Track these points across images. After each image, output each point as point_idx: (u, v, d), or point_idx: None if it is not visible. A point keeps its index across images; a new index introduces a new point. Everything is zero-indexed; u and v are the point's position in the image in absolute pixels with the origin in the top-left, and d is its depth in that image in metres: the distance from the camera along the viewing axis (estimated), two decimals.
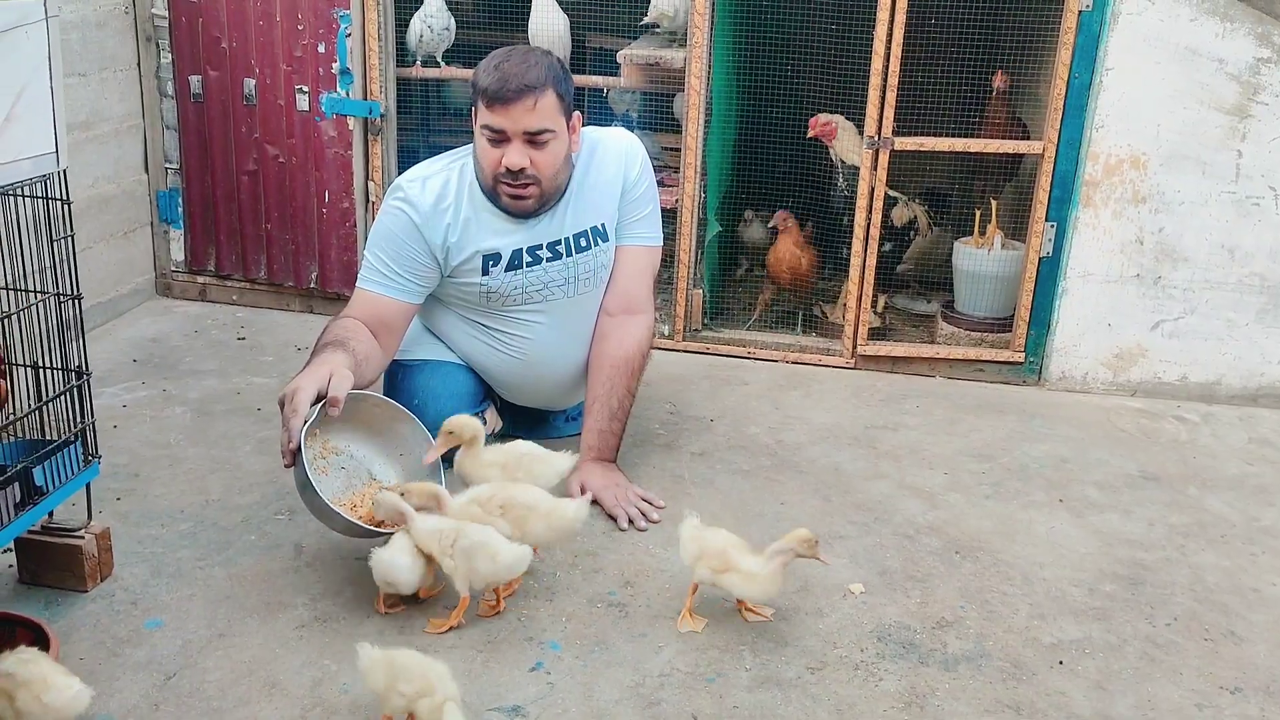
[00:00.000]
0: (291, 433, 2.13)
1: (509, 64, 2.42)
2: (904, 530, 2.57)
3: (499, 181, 2.50)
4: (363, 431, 2.37)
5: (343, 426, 2.32)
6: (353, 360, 2.34)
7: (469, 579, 2.06)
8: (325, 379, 2.21)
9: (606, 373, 2.68)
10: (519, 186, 2.49)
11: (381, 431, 2.38)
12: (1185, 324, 3.40)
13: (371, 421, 2.36)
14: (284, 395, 2.20)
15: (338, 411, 2.19)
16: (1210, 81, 3.21)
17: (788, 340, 3.70)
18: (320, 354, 2.34)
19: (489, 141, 2.47)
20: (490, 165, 2.49)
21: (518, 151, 2.45)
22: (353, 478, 2.33)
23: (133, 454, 2.76)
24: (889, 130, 3.37)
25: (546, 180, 2.51)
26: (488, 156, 2.49)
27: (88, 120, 3.49)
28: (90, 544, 2.17)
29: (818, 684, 2.01)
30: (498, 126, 2.44)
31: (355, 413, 2.31)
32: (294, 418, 2.14)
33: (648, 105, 4.11)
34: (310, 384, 2.19)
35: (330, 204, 3.71)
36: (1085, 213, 3.36)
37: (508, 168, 2.46)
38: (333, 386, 2.20)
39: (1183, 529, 2.65)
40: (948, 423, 3.20)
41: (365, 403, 2.34)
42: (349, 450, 2.36)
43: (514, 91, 2.40)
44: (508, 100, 2.41)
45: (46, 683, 1.66)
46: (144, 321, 3.71)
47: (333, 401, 2.18)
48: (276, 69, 3.62)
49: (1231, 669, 2.12)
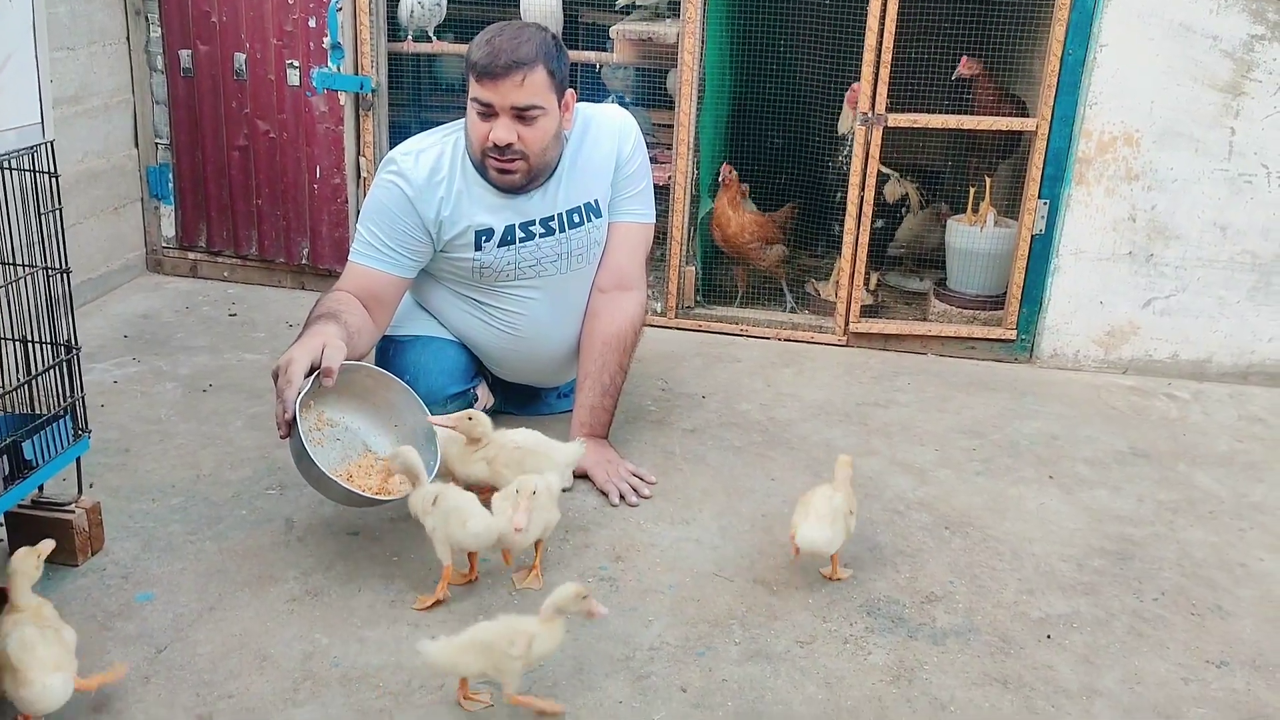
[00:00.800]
0: (286, 403, 2.13)
1: (501, 38, 2.41)
2: (894, 506, 2.58)
3: (486, 155, 2.49)
4: (357, 403, 2.37)
5: (337, 399, 2.32)
6: (345, 332, 2.34)
7: (447, 543, 2.07)
8: (318, 350, 2.21)
9: (598, 349, 2.68)
10: (506, 161, 2.48)
11: (375, 403, 2.37)
12: (1177, 301, 3.40)
13: (365, 393, 2.36)
14: (277, 367, 2.19)
15: (331, 382, 2.19)
16: (1204, 58, 3.20)
17: (780, 318, 3.69)
18: (312, 326, 2.34)
19: (478, 115, 2.46)
20: (479, 139, 2.48)
21: (505, 127, 2.45)
22: (348, 449, 2.33)
23: (123, 429, 2.76)
24: (882, 106, 3.36)
25: (534, 156, 2.50)
26: (476, 130, 2.48)
27: (77, 94, 3.47)
28: (81, 518, 2.17)
29: (807, 657, 2.02)
30: (486, 100, 2.43)
31: (349, 384, 2.31)
32: (288, 389, 2.14)
33: (641, 81, 4.10)
34: (303, 355, 2.19)
35: (321, 180, 3.69)
36: (1078, 190, 3.35)
37: (494, 143, 2.45)
38: (326, 357, 2.19)
39: (1172, 505, 2.67)
40: (939, 400, 3.21)
41: (359, 374, 2.34)
42: (344, 422, 2.36)
43: (502, 67, 2.39)
44: (496, 75, 2.40)
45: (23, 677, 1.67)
46: (135, 298, 3.69)
47: (326, 372, 2.18)
48: (267, 43, 3.59)
49: (1218, 643, 2.14)
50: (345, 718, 1.81)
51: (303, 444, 2.09)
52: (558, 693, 1.89)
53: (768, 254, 3.66)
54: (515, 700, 1.80)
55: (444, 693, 1.88)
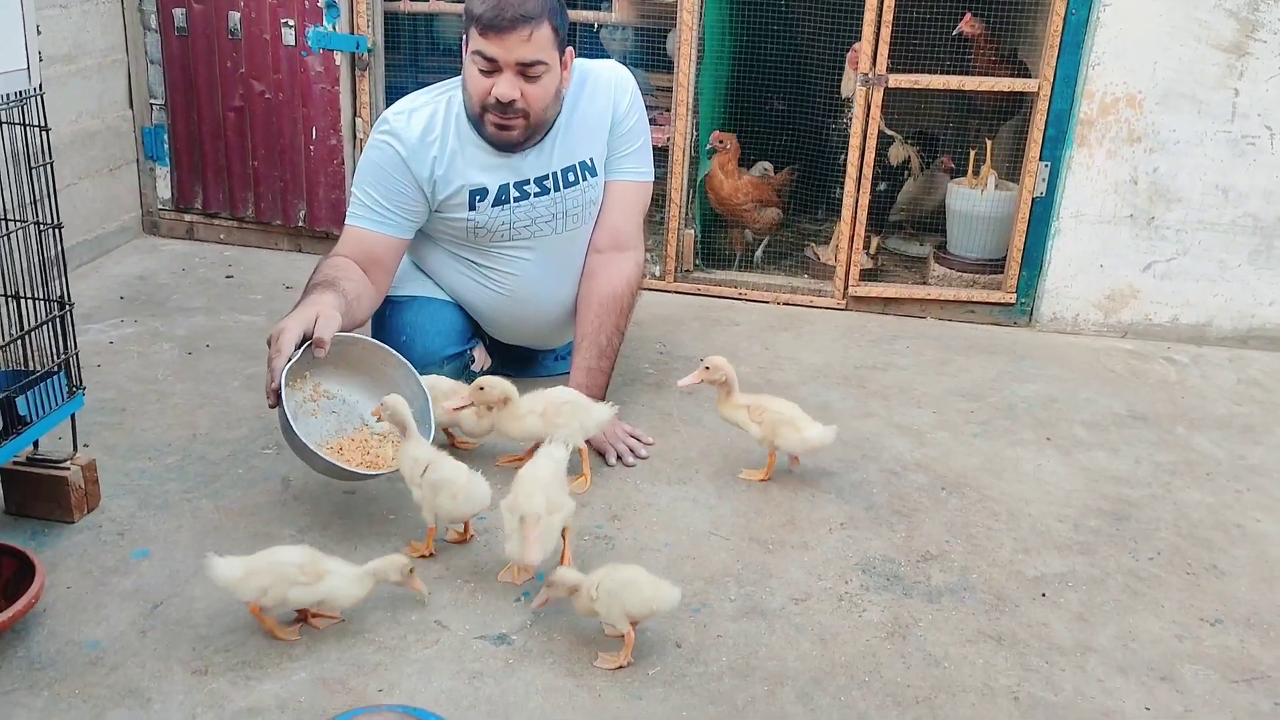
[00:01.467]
0: (274, 373, 2.12)
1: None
2: (891, 467, 2.58)
3: (486, 111, 2.46)
4: (355, 376, 2.35)
5: (335, 370, 2.31)
6: (343, 301, 2.32)
7: (434, 511, 2.08)
8: (311, 320, 2.19)
9: (595, 310, 2.67)
10: (507, 118, 2.46)
11: (373, 376, 2.36)
12: (1177, 265, 3.39)
13: (363, 366, 2.35)
14: (270, 336, 2.18)
15: (323, 353, 2.18)
16: (1208, 18, 3.16)
17: (779, 281, 3.68)
18: (309, 295, 2.32)
19: (480, 70, 2.43)
20: (479, 94, 2.45)
21: (508, 82, 2.41)
22: (344, 422, 2.32)
23: (120, 389, 2.75)
24: (883, 67, 3.33)
25: (535, 114, 2.48)
26: (477, 85, 2.45)
27: (69, 53, 3.44)
28: (76, 475, 2.17)
29: (801, 614, 2.02)
30: (490, 55, 2.40)
31: (347, 357, 2.30)
32: (277, 358, 2.13)
33: (640, 42, 4.06)
34: (295, 325, 2.17)
35: (318, 141, 3.67)
36: (1080, 152, 3.33)
37: (497, 98, 2.42)
38: (318, 328, 2.18)
39: (1169, 467, 2.66)
40: (937, 363, 3.20)
41: (356, 347, 2.32)
42: (341, 394, 2.35)
43: (509, 21, 2.35)
44: (502, 29, 2.36)
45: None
46: (131, 259, 3.68)
47: (318, 343, 2.17)
48: (262, 2, 3.56)
49: (1213, 602, 2.14)
50: (341, 672, 1.82)
51: (286, 416, 2.09)
52: (553, 648, 1.89)
53: (761, 216, 3.64)
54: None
55: (440, 646, 1.88)
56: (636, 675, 1.84)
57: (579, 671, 1.84)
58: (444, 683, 1.80)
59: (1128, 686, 1.89)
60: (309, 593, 1.85)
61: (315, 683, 1.79)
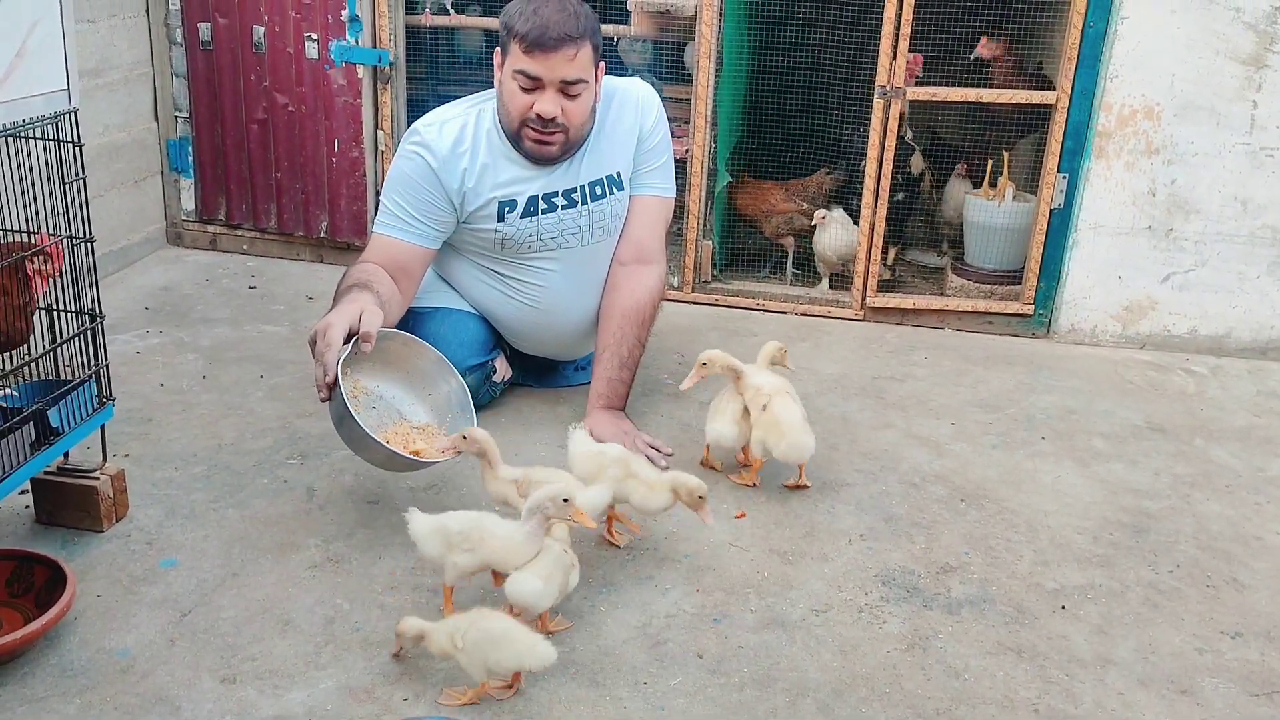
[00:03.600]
0: (327, 366, 2.15)
1: (548, 10, 2.39)
2: (910, 478, 2.59)
3: (526, 126, 2.49)
4: (391, 371, 2.39)
5: (372, 366, 2.34)
6: (378, 300, 2.36)
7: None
8: (356, 316, 2.22)
9: (617, 321, 2.69)
10: (547, 134, 2.49)
11: (408, 371, 2.39)
12: (1196, 276, 3.39)
13: (398, 361, 2.38)
14: (315, 333, 2.21)
15: (369, 347, 2.21)
16: (1226, 30, 3.17)
17: (797, 292, 3.70)
18: (347, 294, 2.36)
19: (521, 87, 2.46)
20: (519, 110, 2.48)
21: (551, 100, 2.44)
22: (383, 417, 2.34)
23: (146, 399, 2.79)
24: (900, 80, 3.35)
25: (574, 130, 2.51)
26: (517, 101, 2.47)
27: (97, 67, 3.49)
28: (106, 485, 2.20)
29: (822, 625, 2.04)
30: (535, 74, 2.42)
31: (382, 353, 2.33)
32: (328, 352, 2.15)
33: (658, 55, 4.08)
34: (342, 320, 2.20)
35: (340, 153, 3.70)
36: (1098, 164, 3.34)
37: (539, 115, 2.45)
38: (364, 323, 2.21)
39: (1188, 479, 2.67)
40: (956, 374, 3.21)
41: (393, 342, 2.35)
42: (378, 390, 2.38)
43: (555, 40, 2.38)
44: (548, 48, 2.39)
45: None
46: (155, 270, 3.72)
47: (365, 337, 2.20)
48: (285, 16, 3.60)
49: (1233, 614, 2.14)
50: (366, 681, 1.84)
51: (345, 406, 2.11)
52: (575, 658, 1.91)
53: (769, 224, 3.69)
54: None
55: None
56: (659, 686, 1.86)
57: (601, 682, 1.86)
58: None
59: (1148, 699, 1.90)
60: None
61: (342, 691, 1.81)
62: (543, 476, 2.10)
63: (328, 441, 2.60)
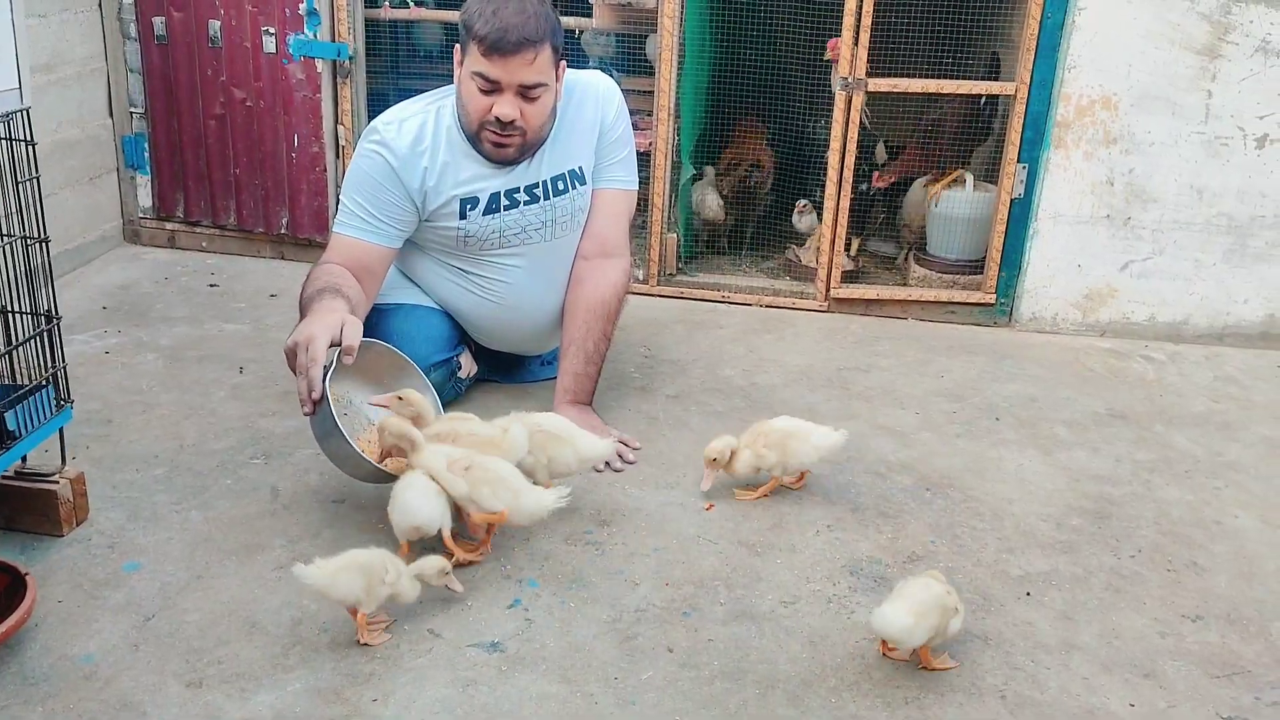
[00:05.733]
0: (314, 382, 2.11)
1: (507, 12, 2.35)
2: (875, 468, 2.61)
3: (484, 128, 2.47)
4: (359, 378, 2.36)
5: (343, 374, 2.31)
6: (351, 307, 2.32)
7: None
8: (337, 326, 2.18)
9: (582, 316, 2.69)
10: (505, 136, 2.47)
11: (378, 377, 2.37)
12: (1154, 264, 3.44)
13: (367, 368, 2.35)
14: (295, 343, 2.16)
15: (352, 359, 2.17)
16: (1182, 21, 3.21)
17: (762, 284, 3.71)
18: (320, 300, 2.30)
19: (480, 90, 2.43)
20: (478, 112, 2.45)
21: (509, 103, 2.42)
22: (354, 424, 2.32)
23: (105, 400, 2.75)
24: (862, 71, 3.36)
25: (533, 132, 2.50)
26: (476, 103, 2.45)
27: (49, 63, 3.42)
28: (65, 489, 2.17)
29: (791, 617, 2.05)
30: (493, 77, 2.40)
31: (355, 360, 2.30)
32: (313, 366, 2.11)
33: (620, 47, 4.08)
34: (324, 332, 2.16)
35: (300, 148, 3.66)
36: (1056, 154, 3.37)
37: (498, 118, 2.43)
38: (346, 335, 2.17)
39: (1149, 465, 2.71)
40: (919, 364, 3.23)
41: (364, 350, 2.32)
42: (348, 397, 2.36)
43: (513, 44, 2.35)
44: (506, 52, 2.36)
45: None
46: (113, 269, 3.67)
47: (347, 350, 2.16)
48: (242, 9, 3.55)
49: (1194, 598, 2.18)
50: (335, 682, 1.83)
51: (334, 421, 2.09)
52: (546, 654, 1.91)
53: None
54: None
55: (433, 655, 1.90)
56: (630, 681, 1.86)
57: (572, 678, 1.86)
58: (438, 691, 1.82)
59: (1112, 684, 1.92)
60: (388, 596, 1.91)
61: (310, 693, 1.80)
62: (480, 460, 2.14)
63: (291, 441, 2.58)
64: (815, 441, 2.39)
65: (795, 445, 2.38)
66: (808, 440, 2.39)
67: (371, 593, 1.88)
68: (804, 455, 2.39)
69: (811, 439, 2.39)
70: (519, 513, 2.10)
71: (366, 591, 1.87)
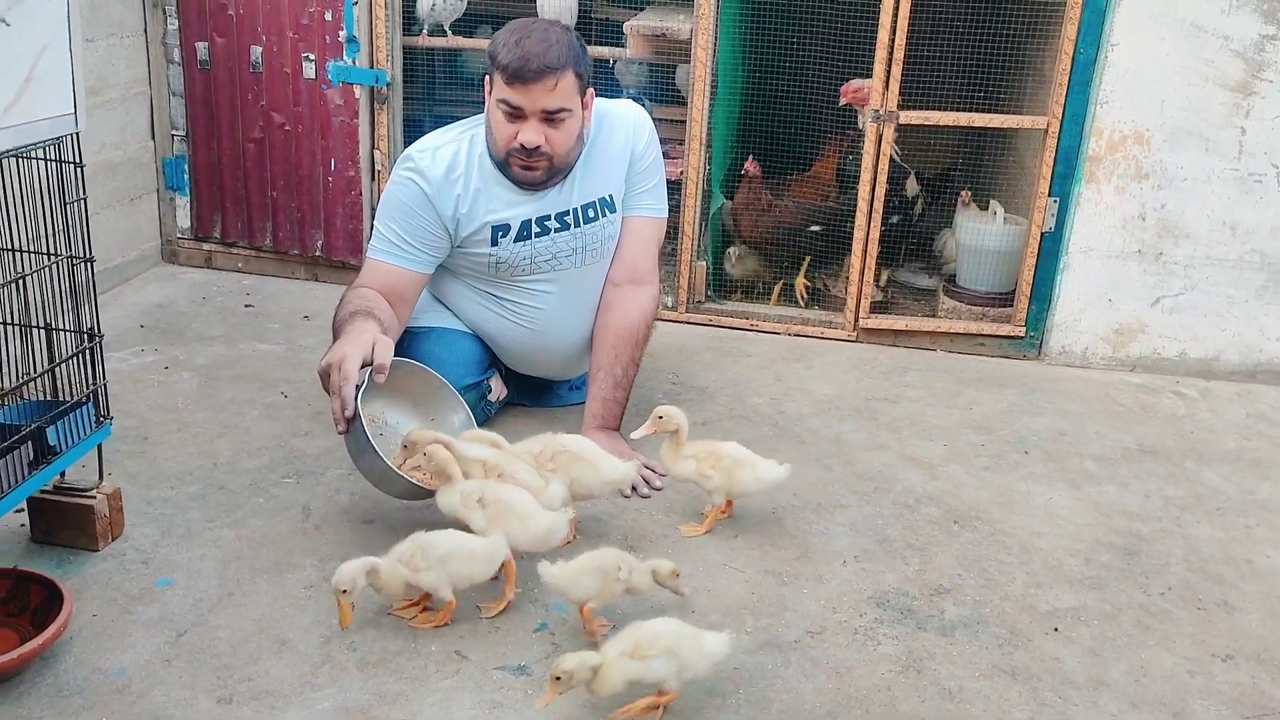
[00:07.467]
0: (346, 400, 2.16)
1: (530, 41, 2.41)
2: (903, 500, 2.60)
3: (511, 155, 2.51)
4: (395, 398, 2.39)
5: (377, 394, 2.34)
6: (382, 328, 2.37)
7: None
8: (369, 346, 2.23)
9: (611, 342, 2.71)
10: (531, 161, 2.51)
11: (413, 397, 2.40)
12: (1185, 300, 3.42)
13: (402, 388, 2.39)
14: (328, 364, 2.22)
15: (383, 378, 2.22)
16: (1215, 58, 3.21)
17: (790, 313, 3.72)
18: (353, 322, 2.35)
19: (505, 116, 2.48)
20: (504, 140, 2.50)
21: (534, 130, 2.46)
22: (391, 445, 2.35)
23: (141, 418, 2.79)
24: (894, 104, 3.38)
25: (559, 157, 2.53)
26: (503, 130, 2.50)
27: (95, 86, 3.50)
28: (102, 504, 2.20)
29: (817, 647, 2.05)
30: (516, 104, 2.44)
31: (390, 380, 2.34)
32: (346, 385, 2.17)
33: (652, 77, 4.12)
34: (356, 352, 2.21)
35: (336, 172, 3.72)
36: (1088, 188, 3.37)
37: (522, 145, 2.47)
38: (378, 354, 2.22)
39: (1179, 501, 2.69)
40: (948, 395, 3.23)
41: (399, 369, 2.36)
42: (384, 417, 2.39)
43: (535, 71, 2.39)
44: (528, 80, 2.40)
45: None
46: (151, 288, 3.73)
47: (379, 369, 2.21)
48: (283, 36, 3.62)
49: (1224, 637, 2.16)
50: (363, 701, 1.84)
51: (367, 439, 2.13)
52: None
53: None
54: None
55: (460, 677, 1.91)
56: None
57: (598, 703, 1.86)
58: (464, 713, 1.83)
59: None
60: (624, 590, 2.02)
61: (338, 712, 1.82)
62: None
63: (323, 461, 2.61)
64: (760, 473, 2.38)
65: (741, 474, 2.37)
66: (754, 471, 2.38)
67: (606, 590, 1.98)
68: (747, 484, 2.38)
69: (758, 470, 2.38)
70: (528, 539, 2.10)
71: (601, 590, 1.98)
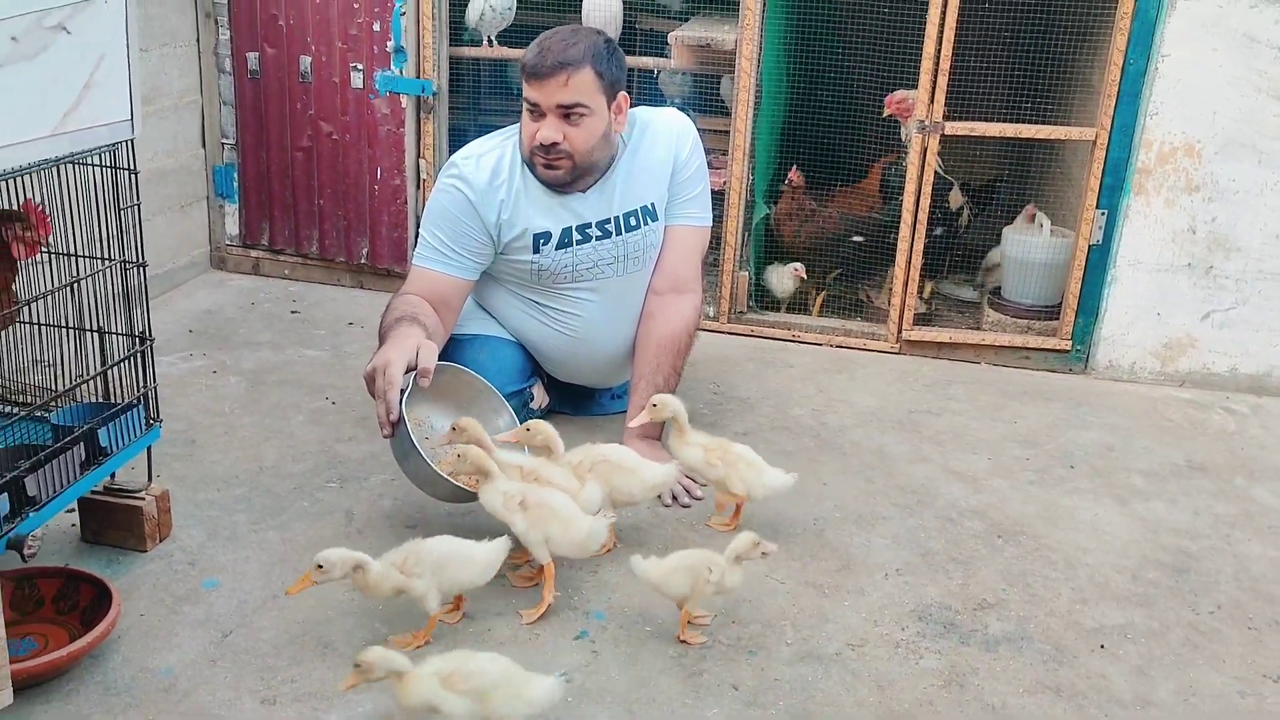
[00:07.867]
0: (390, 404, 2.20)
1: (552, 40, 2.48)
2: (946, 513, 2.58)
3: (534, 153, 2.55)
4: (440, 402, 2.42)
5: (422, 397, 2.37)
6: (427, 334, 2.40)
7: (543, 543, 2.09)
8: (413, 351, 2.27)
9: (653, 351, 2.71)
10: (551, 159, 2.54)
11: (458, 401, 2.42)
12: (1236, 314, 3.36)
13: (448, 392, 2.41)
14: (373, 369, 2.26)
15: (427, 382, 2.25)
16: (1269, 69, 3.16)
17: (833, 324, 3.70)
18: (398, 328, 2.40)
19: (528, 114, 2.53)
20: (528, 137, 2.55)
21: (551, 126, 2.50)
22: (436, 447, 2.37)
23: (189, 421, 2.83)
24: (939, 114, 3.36)
25: (579, 156, 2.55)
26: (526, 129, 2.55)
27: (148, 95, 3.56)
28: (151, 505, 2.24)
29: (858, 660, 2.03)
30: (534, 100, 2.50)
31: (434, 383, 2.36)
32: (390, 389, 2.21)
33: (696, 87, 4.12)
34: (400, 356, 2.25)
35: (382, 181, 3.76)
36: (1137, 200, 3.33)
37: (540, 141, 2.50)
38: (421, 358, 2.26)
39: (1229, 519, 2.64)
40: (993, 409, 3.20)
41: (445, 373, 2.38)
42: (429, 421, 2.42)
43: (548, 67, 2.45)
44: (541, 75, 2.46)
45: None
46: (199, 294, 3.78)
47: (423, 373, 2.24)
48: (332, 46, 3.67)
49: (1275, 658, 2.12)
50: None
51: (412, 442, 2.16)
52: (612, 687, 1.92)
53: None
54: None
55: None
56: (694, 717, 1.86)
57: (637, 711, 1.86)
58: None
59: None
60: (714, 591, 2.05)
61: (380, 715, 1.83)
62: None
63: (367, 465, 2.63)
64: (766, 479, 2.38)
65: (744, 471, 2.38)
66: (760, 475, 2.38)
67: (697, 590, 2.01)
68: (749, 481, 2.38)
69: (765, 475, 2.39)
70: (568, 543, 2.10)
71: (692, 590, 2.00)
